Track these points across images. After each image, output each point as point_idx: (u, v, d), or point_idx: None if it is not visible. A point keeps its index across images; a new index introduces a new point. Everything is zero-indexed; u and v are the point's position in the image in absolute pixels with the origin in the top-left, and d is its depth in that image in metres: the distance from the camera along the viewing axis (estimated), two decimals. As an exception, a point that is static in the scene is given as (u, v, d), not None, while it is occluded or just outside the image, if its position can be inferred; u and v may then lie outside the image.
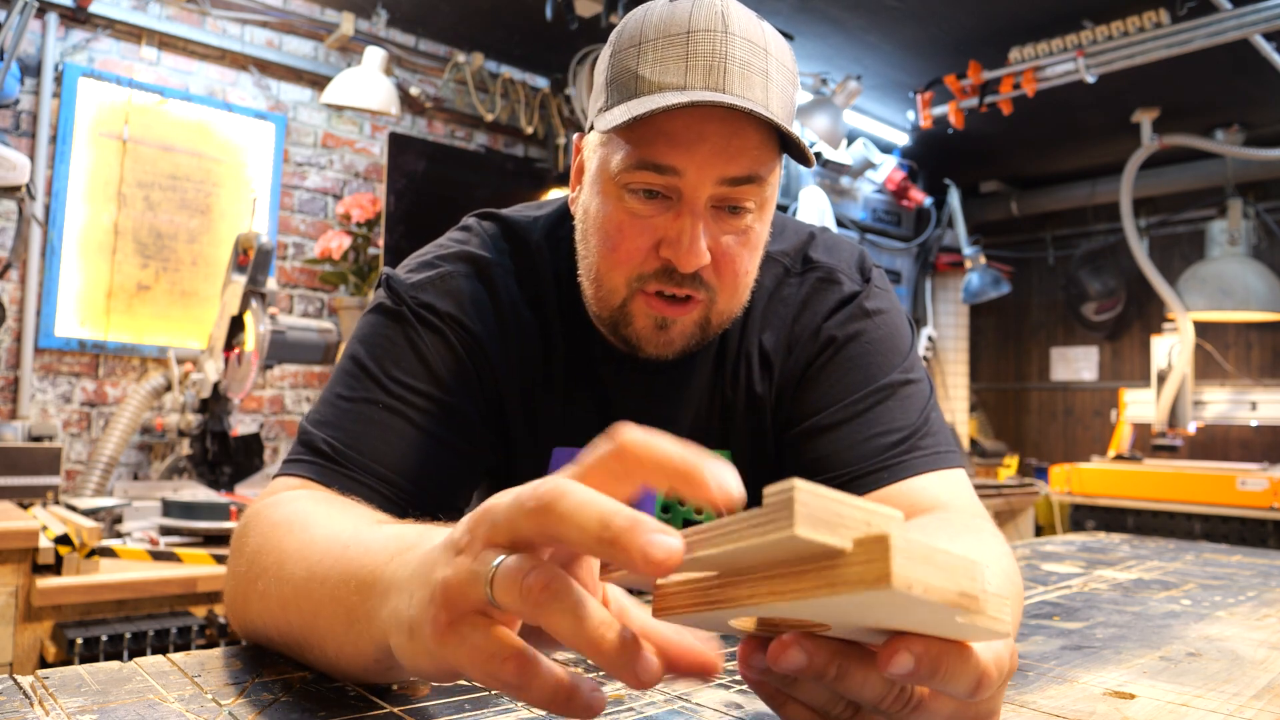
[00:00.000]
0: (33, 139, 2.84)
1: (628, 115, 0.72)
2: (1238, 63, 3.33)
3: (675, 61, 0.73)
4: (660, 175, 0.74)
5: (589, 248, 0.81)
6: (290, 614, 0.58)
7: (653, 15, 0.76)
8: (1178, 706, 0.60)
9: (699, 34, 0.73)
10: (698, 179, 0.74)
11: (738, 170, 0.74)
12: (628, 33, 0.78)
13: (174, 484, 2.66)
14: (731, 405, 0.91)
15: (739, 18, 0.75)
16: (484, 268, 0.88)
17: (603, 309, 0.81)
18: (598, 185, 0.79)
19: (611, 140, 0.76)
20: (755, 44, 0.75)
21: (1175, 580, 1.15)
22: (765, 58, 0.75)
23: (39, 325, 2.85)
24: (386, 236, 3.19)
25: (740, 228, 0.77)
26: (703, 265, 0.76)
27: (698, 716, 0.54)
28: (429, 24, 3.48)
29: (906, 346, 0.89)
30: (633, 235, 0.76)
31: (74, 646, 1.74)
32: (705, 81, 0.72)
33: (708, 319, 0.80)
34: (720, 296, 0.79)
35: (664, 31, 0.74)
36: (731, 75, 0.73)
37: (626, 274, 0.78)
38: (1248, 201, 4.35)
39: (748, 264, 0.79)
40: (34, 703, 0.52)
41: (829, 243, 0.95)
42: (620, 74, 0.76)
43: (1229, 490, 3.49)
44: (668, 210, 0.76)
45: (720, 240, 0.77)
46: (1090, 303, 5.17)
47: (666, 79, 0.73)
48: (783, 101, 0.76)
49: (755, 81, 0.74)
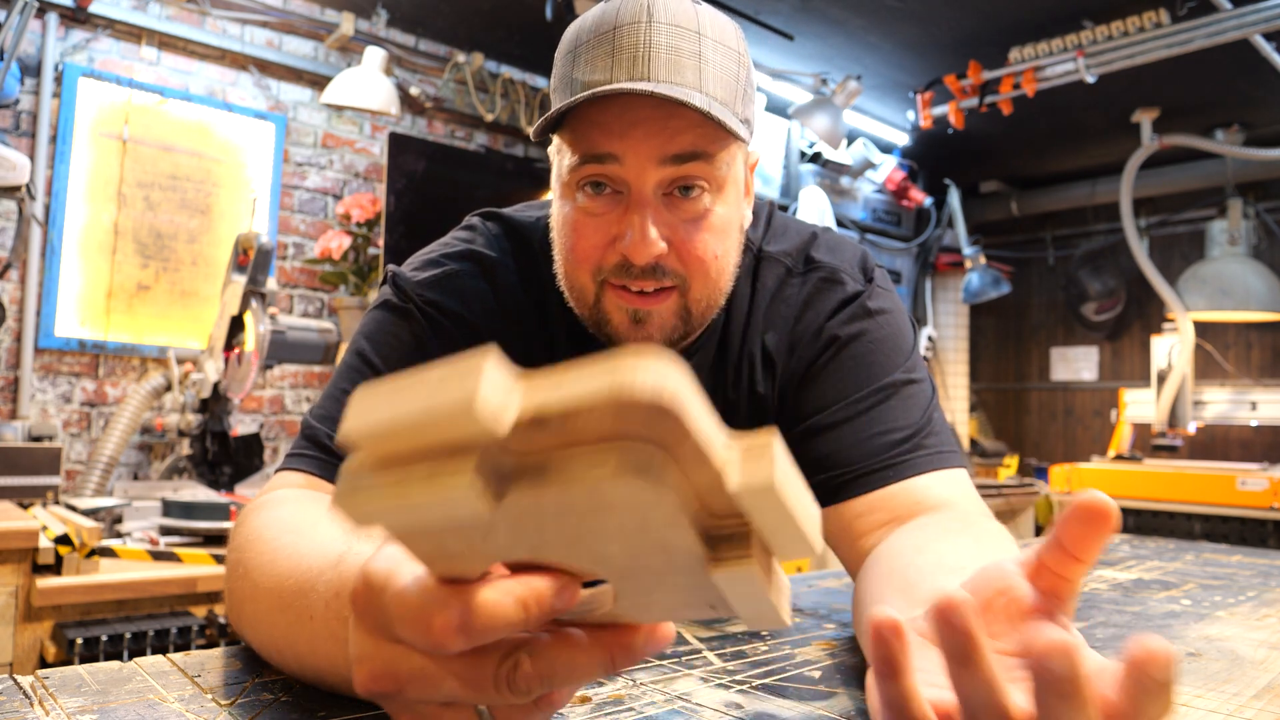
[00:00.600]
0: (33, 139, 2.84)
1: (548, 114, 0.75)
2: (1238, 63, 3.33)
3: (603, 59, 0.74)
4: (601, 165, 0.75)
5: (559, 253, 0.82)
6: (264, 630, 0.58)
7: (587, 19, 0.78)
8: (1178, 706, 0.60)
9: (624, 28, 0.74)
10: (637, 164, 0.74)
11: (677, 148, 0.74)
12: (567, 39, 0.79)
13: (174, 484, 2.66)
14: (734, 406, 0.91)
15: (665, 5, 0.75)
16: (489, 267, 0.88)
17: (581, 310, 0.82)
18: (557, 190, 0.81)
19: (561, 146, 0.78)
20: (683, 28, 0.75)
21: (1175, 580, 1.15)
22: (697, 39, 0.75)
23: (39, 325, 2.85)
24: (386, 236, 3.19)
25: (696, 211, 0.77)
26: (656, 254, 0.75)
27: (698, 716, 0.54)
28: (429, 24, 3.48)
29: (909, 346, 0.89)
30: (588, 233, 0.77)
31: (74, 646, 1.74)
32: (630, 73, 0.73)
33: (686, 308, 0.80)
34: (693, 283, 0.78)
35: (595, 31, 0.76)
36: (657, 63, 0.73)
37: (589, 270, 0.78)
38: (1248, 201, 4.35)
39: (713, 247, 0.78)
40: (34, 703, 0.52)
41: (831, 243, 0.95)
42: (560, 81, 0.78)
43: (1229, 490, 3.49)
44: (618, 205, 0.76)
45: (677, 227, 0.77)
46: (1090, 303, 5.17)
47: (594, 76, 0.74)
48: (723, 80, 0.76)
49: (685, 64, 0.74)
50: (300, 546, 0.57)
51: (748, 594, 0.35)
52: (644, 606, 0.37)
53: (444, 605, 0.34)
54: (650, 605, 0.37)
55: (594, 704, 0.56)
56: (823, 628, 0.81)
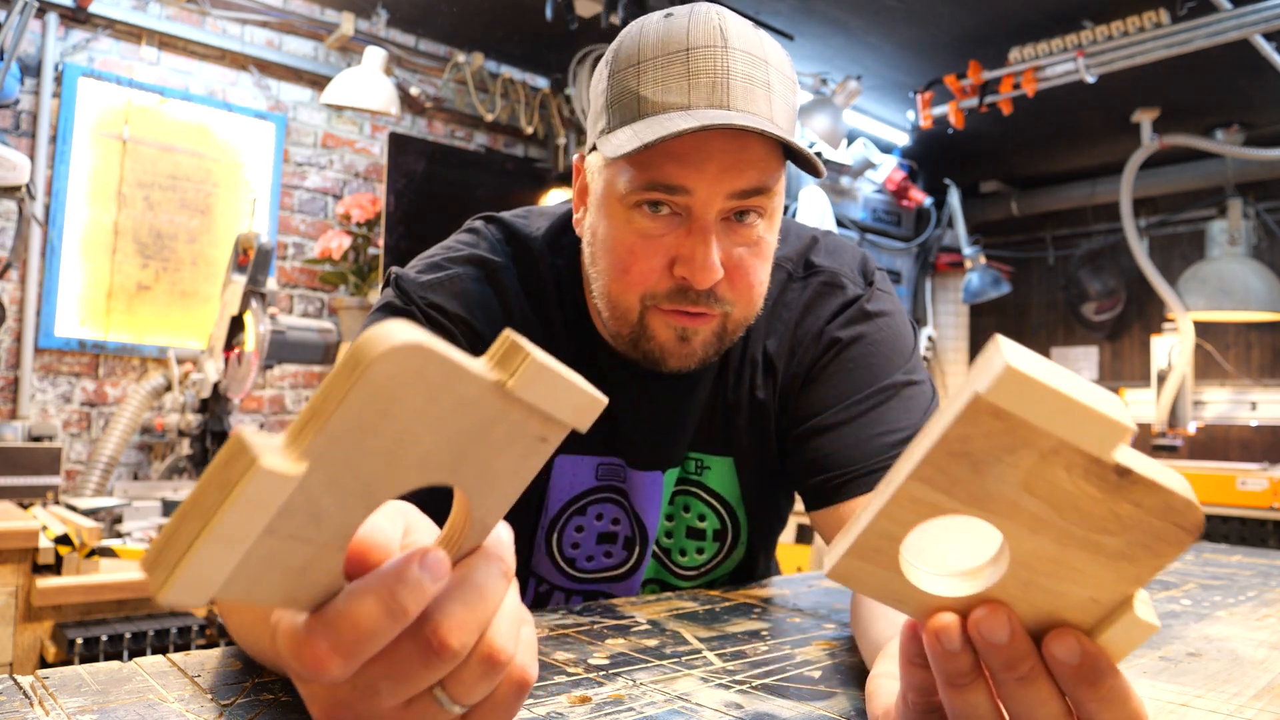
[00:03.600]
0: (33, 139, 2.84)
1: (637, 140, 0.71)
2: (1238, 63, 3.33)
3: (677, 80, 0.72)
4: (670, 195, 0.74)
5: (599, 270, 0.80)
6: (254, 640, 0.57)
7: (649, 33, 0.75)
8: (1178, 706, 0.60)
9: (699, 50, 0.73)
10: (707, 196, 0.73)
11: (746, 183, 0.74)
12: (624, 52, 0.77)
13: (174, 484, 2.66)
14: (735, 411, 0.91)
15: (737, 30, 0.74)
16: (492, 271, 0.88)
17: (622, 328, 0.81)
18: (604, 208, 0.79)
19: (616, 162, 0.76)
20: (755, 56, 0.74)
21: (1175, 580, 1.15)
22: (766, 68, 0.74)
23: (39, 325, 2.85)
24: (386, 236, 3.19)
25: (752, 238, 0.77)
26: (717, 280, 0.75)
27: (698, 716, 0.54)
28: (429, 24, 3.48)
29: (909, 348, 0.89)
30: (644, 256, 0.76)
31: (74, 646, 1.74)
32: (709, 100, 0.72)
33: (724, 329, 0.80)
34: (736, 308, 0.79)
35: (663, 49, 0.74)
36: (735, 91, 0.72)
37: (639, 294, 0.78)
38: (1248, 201, 4.35)
39: (760, 273, 0.79)
40: (34, 703, 0.52)
41: (831, 246, 0.95)
42: (621, 95, 0.75)
43: (1229, 490, 3.49)
44: (678, 227, 0.75)
45: (732, 252, 0.77)
46: (1090, 303, 5.17)
47: (670, 99, 0.72)
48: (785, 111, 0.76)
49: (758, 95, 0.73)
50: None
51: (556, 390, 0.35)
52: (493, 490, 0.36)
53: (309, 635, 0.33)
54: (496, 483, 0.36)
55: (594, 704, 0.56)
56: (823, 628, 0.81)
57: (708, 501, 0.95)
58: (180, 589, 0.28)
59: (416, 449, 0.33)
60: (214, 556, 0.28)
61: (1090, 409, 0.31)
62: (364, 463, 0.32)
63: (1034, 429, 0.32)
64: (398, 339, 0.30)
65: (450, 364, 0.31)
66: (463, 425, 0.34)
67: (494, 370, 0.34)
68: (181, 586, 0.28)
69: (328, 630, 0.33)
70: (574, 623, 0.79)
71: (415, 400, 0.31)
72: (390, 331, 0.30)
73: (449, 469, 0.35)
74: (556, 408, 0.36)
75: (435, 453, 0.34)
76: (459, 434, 0.34)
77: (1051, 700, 0.37)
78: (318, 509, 0.31)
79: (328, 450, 0.30)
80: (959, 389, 0.33)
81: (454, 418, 0.33)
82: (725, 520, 0.96)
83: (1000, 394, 0.31)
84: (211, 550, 0.28)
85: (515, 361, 0.34)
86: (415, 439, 0.32)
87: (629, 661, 0.67)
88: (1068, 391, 0.31)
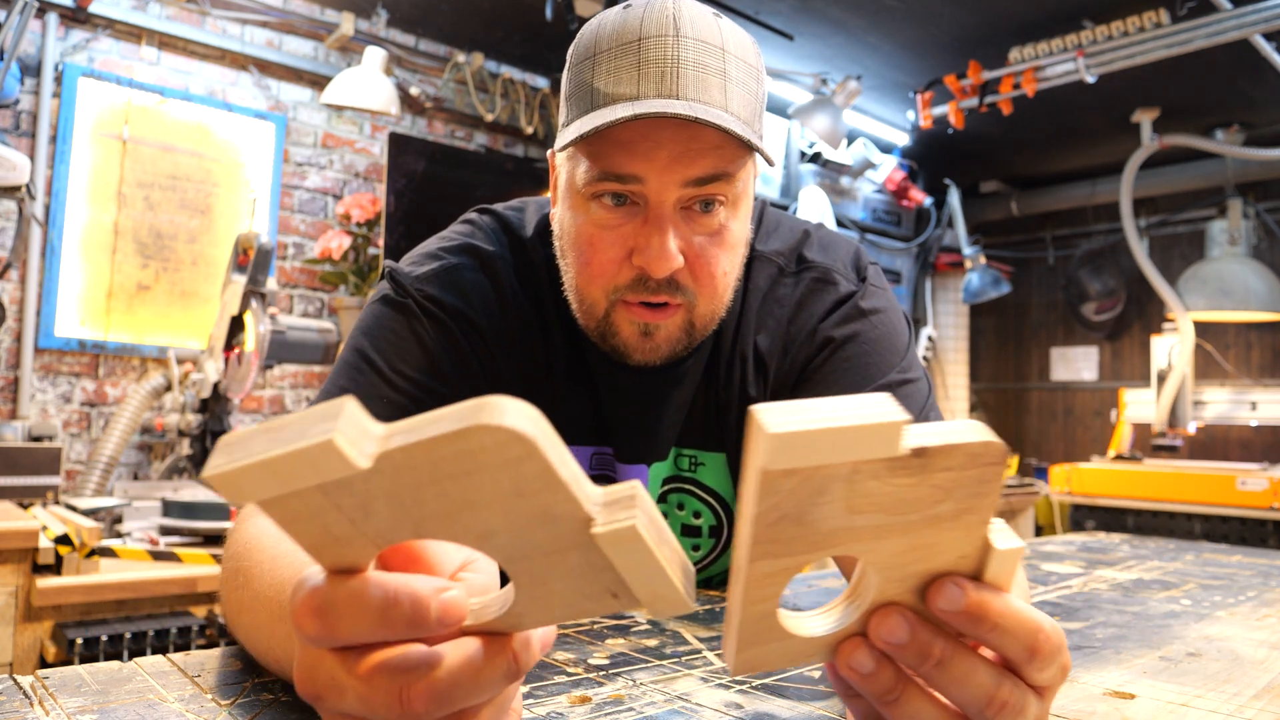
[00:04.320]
0: (33, 139, 2.84)
1: (580, 130, 0.72)
2: (1238, 63, 3.33)
3: (628, 70, 0.73)
4: (622, 184, 0.74)
5: (567, 263, 0.81)
6: (264, 638, 0.57)
7: (606, 24, 0.76)
8: (1178, 706, 0.60)
9: (650, 40, 0.73)
10: (660, 184, 0.73)
11: (699, 171, 0.73)
12: (583, 45, 0.77)
13: (174, 484, 2.66)
14: (725, 407, 0.91)
15: (691, 19, 0.74)
16: (488, 261, 0.87)
17: (588, 321, 0.81)
18: (567, 200, 0.79)
19: (574, 154, 0.76)
20: (709, 44, 0.74)
21: (1175, 580, 1.15)
22: (722, 56, 0.74)
23: (39, 325, 2.85)
24: (386, 236, 3.19)
25: (713, 226, 0.77)
26: (675, 269, 0.75)
27: (698, 716, 0.54)
28: (429, 24, 3.48)
29: (904, 345, 0.89)
30: (604, 247, 0.76)
31: (74, 646, 1.74)
32: (658, 89, 0.72)
33: (691, 322, 0.80)
34: (700, 300, 0.79)
35: (617, 40, 0.74)
36: (685, 79, 0.72)
37: (603, 286, 0.78)
38: (1248, 201, 4.35)
39: (724, 264, 0.79)
40: (34, 703, 0.52)
41: (824, 241, 0.94)
42: (578, 88, 0.76)
43: (1229, 490, 3.49)
44: (635, 217, 0.75)
45: (693, 241, 0.76)
46: (1090, 303, 5.17)
47: (620, 89, 0.72)
48: (744, 99, 0.75)
49: (711, 83, 0.73)
50: (302, 554, 0.56)
51: (641, 566, 0.34)
52: (544, 602, 0.36)
53: (312, 592, 0.34)
54: (549, 600, 0.36)
55: (594, 704, 0.56)
56: (823, 628, 0.81)
57: (702, 498, 0.95)
58: (225, 485, 0.32)
59: (484, 523, 0.33)
60: (259, 480, 0.31)
61: (858, 427, 0.33)
62: (428, 500, 0.32)
63: (823, 468, 0.33)
64: (510, 420, 0.30)
65: (551, 474, 0.31)
66: (539, 534, 0.33)
67: (598, 506, 0.33)
68: (227, 483, 0.32)
69: (323, 597, 0.34)
70: (574, 623, 0.79)
71: (501, 485, 0.31)
72: (510, 410, 0.30)
73: (507, 558, 0.34)
74: (635, 580, 0.34)
75: (500, 537, 0.33)
76: (531, 538, 0.33)
77: (976, 668, 0.38)
78: (371, 505, 0.32)
79: (400, 469, 0.31)
80: (745, 466, 0.35)
81: (533, 522, 0.33)
82: (720, 516, 0.95)
83: (778, 458, 0.33)
84: (258, 475, 0.31)
85: (620, 512, 0.33)
86: (487, 515, 0.33)
87: (629, 661, 0.67)
88: (832, 423, 0.33)
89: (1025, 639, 0.38)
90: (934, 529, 0.37)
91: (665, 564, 0.34)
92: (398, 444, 0.31)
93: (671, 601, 0.35)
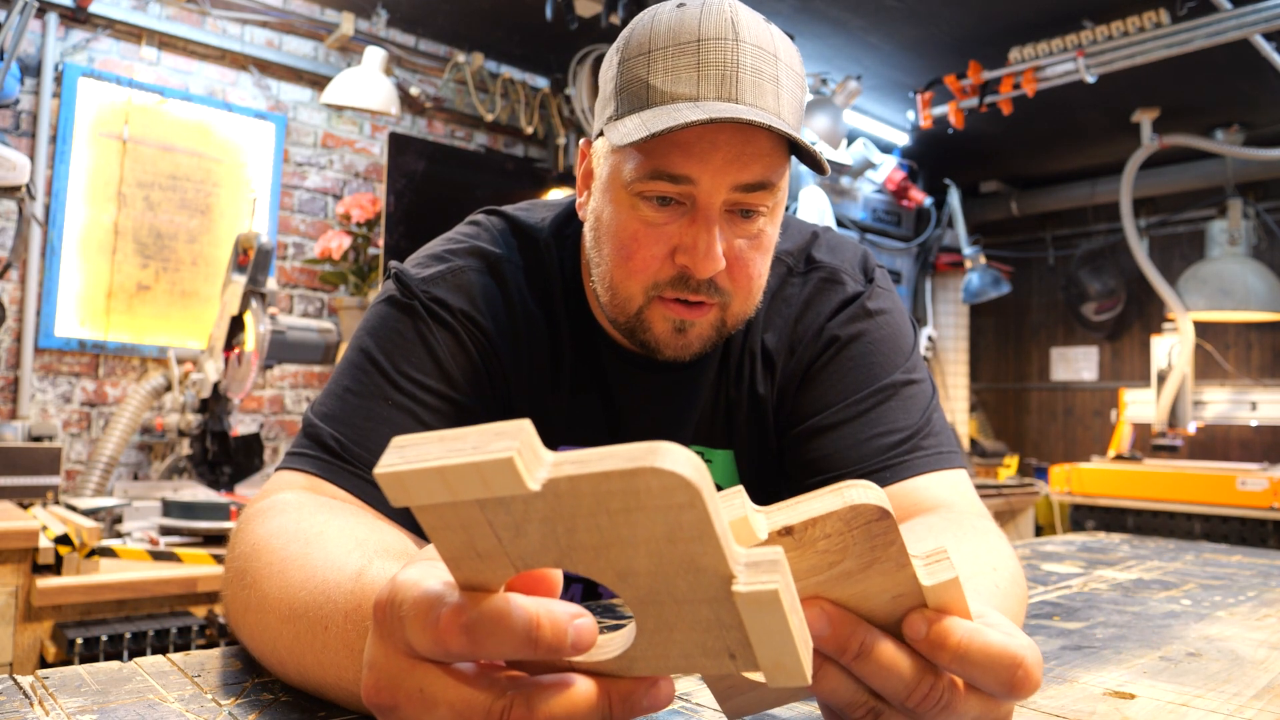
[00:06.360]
0: (33, 139, 2.84)
1: (645, 129, 0.71)
2: (1238, 63, 3.33)
3: (687, 71, 0.72)
4: (675, 185, 0.74)
5: (602, 255, 0.80)
6: (269, 639, 0.57)
7: (661, 22, 0.75)
8: (1178, 706, 0.60)
9: (710, 42, 0.73)
10: (711, 186, 0.73)
11: (750, 177, 0.74)
12: (635, 39, 0.76)
13: (174, 484, 2.66)
14: (735, 404, 0.91)
15: (749, 24, 0.74)
16: (495, 263, 0.87)
17: (619, 315, 0.81)
18: (609, 193, 0.78)
19: (623, 149, 0.76)
20: (765, 50, 0.74)
21: (1175, 580, 1.15)
22: (775, 63, 0.74)
23: (39, 325, 2.85)
24: (386, 236, 3.19)
25: (753, 231, 0.77)
26: (718, 271, 0.76)
27: (698, 717, 0.54)
28: (429, 24, 3.48)
29: (909, 347, 0.89)
30: (648, 244, 0.76)
31: (74, 646, 1.74)
32: (719, 92, 0.72)
33: (723, 321, 0.80)
34: (735, 300, 0.79)
35: (674, 39, 0.74)
36: (744, 84, 0.72)
37: (643, 282, 0.77)
38: (1248, 201, 4.35)
39: (760, 267, 0.79)
40: (34, 703, 0.52)
41: (832, 242, 0.95)
42: (630, 82, 0.75)
43: (1229, 490, 3.49)
44: (682, 217, 0.75)
45: (734, 244, 0.77)
46: (1090, 303, 5.17)
47: (679, 89, 0.72)
48: (792, 106, 0.76)
49: (767, 89, 0.73)
50: (312, 557, 0.56)
51: (770, 630, 0.34)
52: (662, 650, 0.36)
53: (455, 601, 0.34)
54: (668, 648, 0.36)
55: (594, 704, 0.56)
56: (823, 628, 0.81)
57: None
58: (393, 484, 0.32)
59: (628, 561, 0.33)
60: (429, 485, 0.32)
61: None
62: (580, 531, 0.32)
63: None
64: (681, 468, 0.30)
65: (707, 526, 0.31)
66: (679, 581, 0.33)
67: (742, 565, 0.33)
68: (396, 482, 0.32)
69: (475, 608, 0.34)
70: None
71: (656, 528, 0.32)
72: (681, 458, 0.31)
73: (640, 599, 0.35)
74: (761, 644, 0.34)
75: (640, 578, 0.34)
76: (670, 584, 0.34)
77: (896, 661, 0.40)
78: (524, 526, 0.33)
79: (562, 496, 0.31)
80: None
81: (677, 569, 0.33)
82: None
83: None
84: (429, 480, 0.32)
85: (763, 575, 0.33)
86: (633, 554, 0.33)
87: (629, 661, 0.67)
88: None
89: (994, 668, 0.40)
90: (850, 582, 0.38)
91: (795, 633, 0.34)
92: (567, 472, 0.31)
93: (791, 672, 0.34)
